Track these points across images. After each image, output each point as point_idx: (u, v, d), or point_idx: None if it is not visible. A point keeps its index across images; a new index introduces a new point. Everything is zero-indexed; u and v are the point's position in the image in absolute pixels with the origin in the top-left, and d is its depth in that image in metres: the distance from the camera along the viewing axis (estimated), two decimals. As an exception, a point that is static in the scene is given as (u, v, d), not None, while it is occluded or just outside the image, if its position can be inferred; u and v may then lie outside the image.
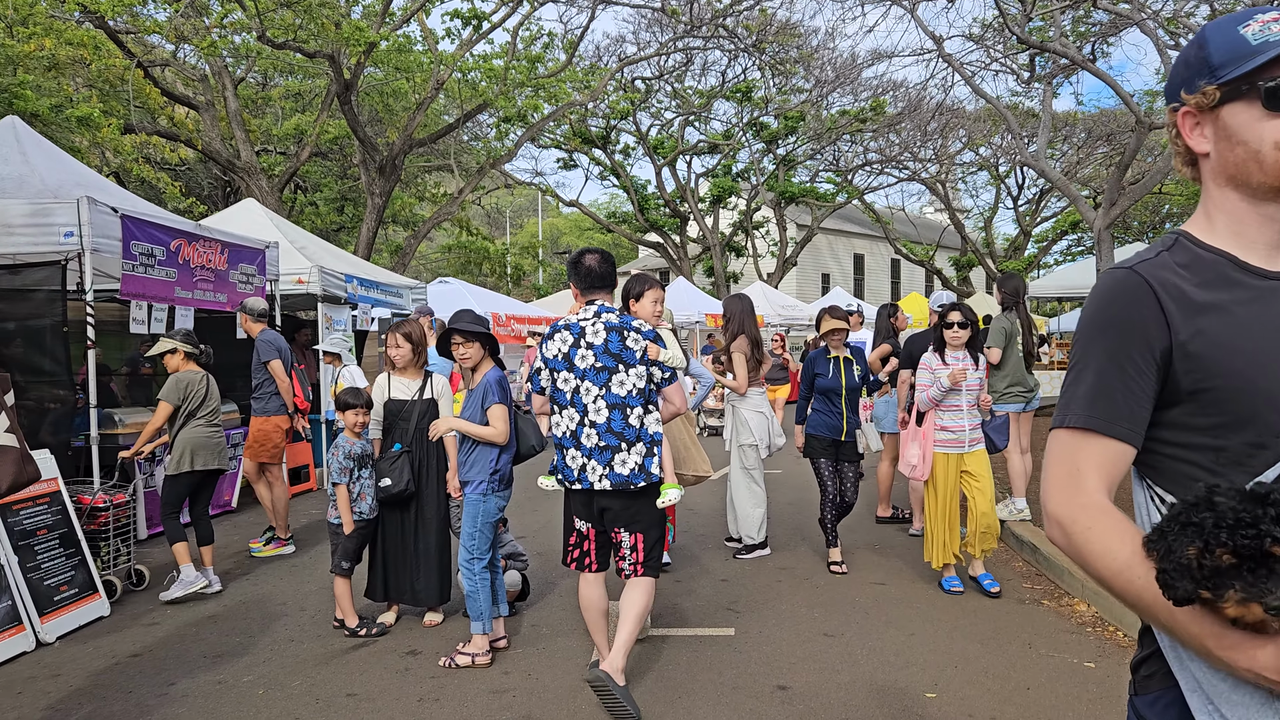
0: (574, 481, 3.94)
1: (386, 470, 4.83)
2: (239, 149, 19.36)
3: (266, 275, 8.74)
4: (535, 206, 50.22)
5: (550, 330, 4.08)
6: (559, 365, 3.98)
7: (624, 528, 3.98)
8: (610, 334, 3.94)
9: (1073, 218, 38.63)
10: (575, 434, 3.93)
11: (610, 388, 3.90)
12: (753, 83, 30.01)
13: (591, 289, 4.12)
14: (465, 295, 15.42)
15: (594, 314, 4.00)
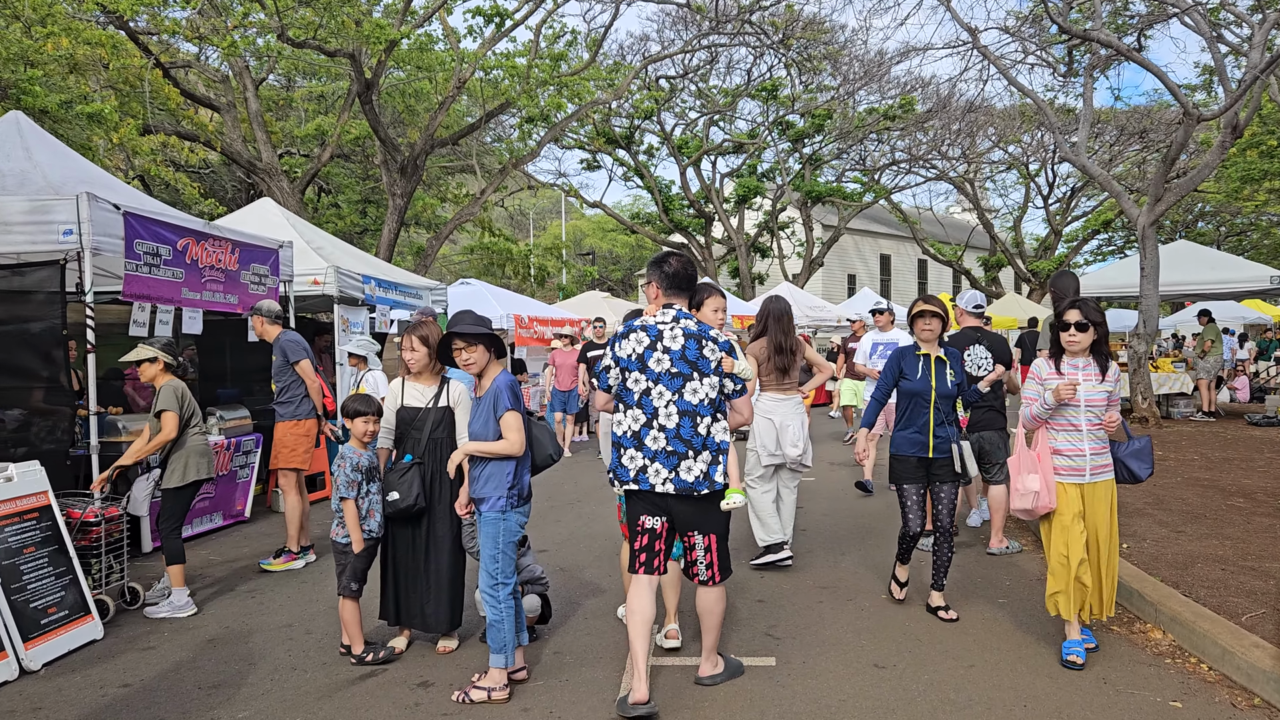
0: (629, 482, 3.93)
1: (395, 484, 4.43)
2: (260, 150, 19.14)
3: (280, 276, 8.41)
4: (559, 209, 49.94)
5: (624, 329, 4.07)
6: (631, 365, 3.97)
7: (697, 530, 4.00)
8: (688, 341, 3.96)
9: (1104, 216, 37.93)
10: (639, 435, 3.93)
11: (683, 394, 3.92)
12: (778, 81, 29.55)
13: (672, 292, 4.13)
14: (487, 297, 15.09)
15: (672, 318, 4.01)
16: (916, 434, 5.13)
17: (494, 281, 25.76)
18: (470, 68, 18.44)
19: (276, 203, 18.79)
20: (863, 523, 7.81)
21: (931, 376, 5.13)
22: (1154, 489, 8.15)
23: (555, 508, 8.62)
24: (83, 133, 15.05)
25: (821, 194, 31.03)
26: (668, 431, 3.89)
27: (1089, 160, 13.61)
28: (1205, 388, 14.67)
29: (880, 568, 6.27)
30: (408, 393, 4.60)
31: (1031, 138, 35.19)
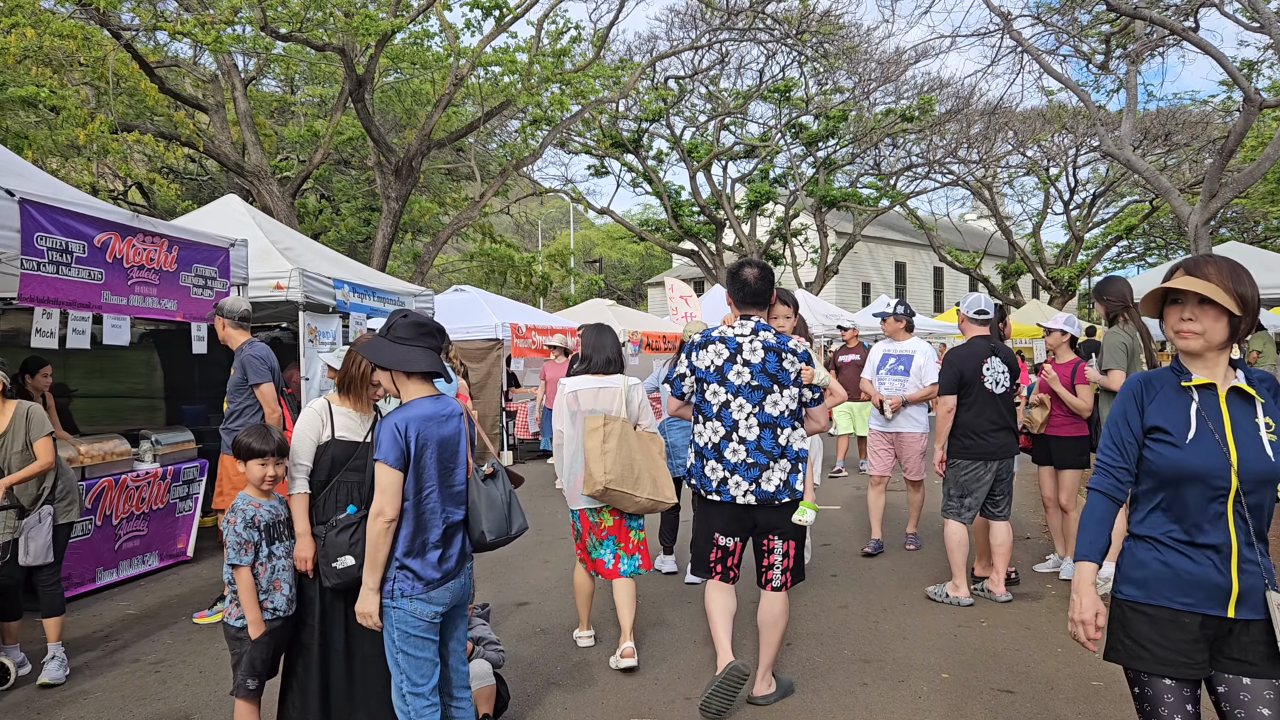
0: (712, 492, 3.95)
1: (345, 545, 3.25)
2: (249, 153, 18.19)
3: (231, 278, 7.38)
4: (567, 219, 49.04)
5: (702, 339, 4.02)
6: (710, 377, 3.97)
7: (778, 536, 4.01)
8: (768, 354, 3.94)
9: (1127, 222, 36.79)
10: (719, 447, 3.95)
11: (764, 407, 3.92)
12: (791, 81, 28.53)
13: (747, 304, 4.06)
14: (481, 304, 14.08)
15: (750, 331, 3.98)
16: (1195, 559, 2.35)
17: (495, 290, 24.77)
18: (468, 63, 17.47)
19: (266, 206, 18.02)
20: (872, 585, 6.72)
21: (1227, 436, 2.34)
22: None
23: (544, 544, 7.55)
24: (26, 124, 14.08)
25: (836, 199, 29.96)
26: (748, 444, 3.91)
27: (1134, 155, 12.52)
28: (1259, 401, 13.53)
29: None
30: (339, 422, 3.49)
31: (1052, 141, 34.12)
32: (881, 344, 7.34)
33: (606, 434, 4.46)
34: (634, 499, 4.50)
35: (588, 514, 4.69)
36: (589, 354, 4.79)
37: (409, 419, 2.95)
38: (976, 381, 5.50)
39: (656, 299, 43.81)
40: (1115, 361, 5.30)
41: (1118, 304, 5.45)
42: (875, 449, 7.14)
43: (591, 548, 4.72)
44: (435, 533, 3.01)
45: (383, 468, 2.91)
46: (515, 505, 3.12)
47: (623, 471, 4.45)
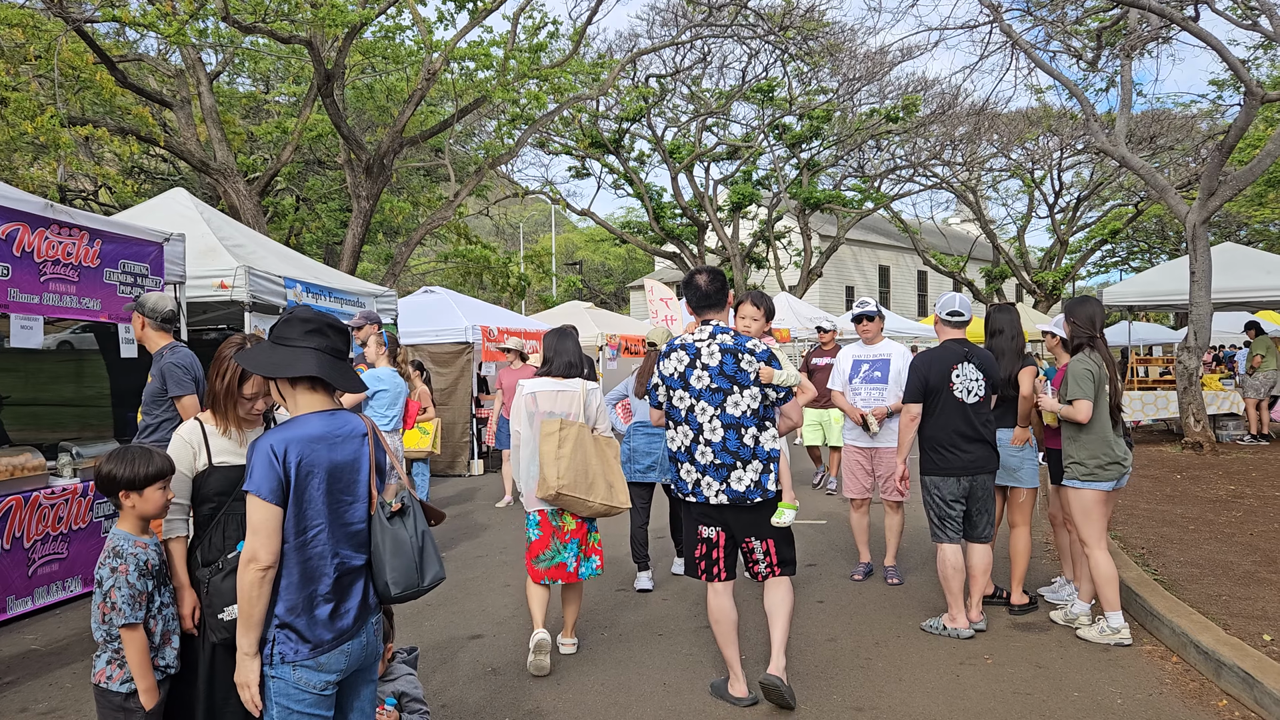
0: (688, 494, 4.08)
1: (234, 591, 2.63)
2: (215, 150, 17.55)
3: (166, 276, 6.79)
4: (549, 222, 48.43)
5: (667, 348, 4.17)
6: (675, 384, 4.10)
7: (754, 537, 4.10)
8: (725, 356, 4.03)
9: (1112, 225, 36.58)
10: (690, 450, 4.06)
11: (725, 408, 4.01)
12: (774, 81, 28.06)
13: (703, 309, 4.18)
14: (451, 306, 13.48)
15: (709, 335, 4.09)
16: None
17: (472, 293, 24.20)
18: (441, 58, 16.89)
19: (233, 205, 17.38)
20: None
21: None
22: (1254, 541, 6.55)
23: (507, 565, 6.98)
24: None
25: (820, 201, 29.50)
26: (714, 445, 4.01)
27: (1129, 152, 12.07)
28: (1254, 408, 13.11)
29: (927, 662, 4.64)
30: (215, 446, 2.89)
31: (1037, 143, 33.85)
32: (850, 349, 6.56)
33: (562, 438, 4.49)
34: (587, 504, 4.52)
35: (549, 516, 4.67)
36: (549, 357, 4.80)
37: (289, 439, 2.37)
38: (944, 389, 5.04)
39: (639, 302, 43.28)
40: (1081, 391, 4.83)
41: (1085, 330, 4.97)
42: (851, 469, 6.38)
43: (555, 551, 4.66)
44: (325, 583, 2.42)
45: (254, 502, 2.33)
46: (430, 550, 2.54)
47: (576, 477, 4.48)
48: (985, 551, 5.12)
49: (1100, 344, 4.93)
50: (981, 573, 5.11)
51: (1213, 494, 8.58)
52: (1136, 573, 5.58)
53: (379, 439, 2.56)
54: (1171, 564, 5.92)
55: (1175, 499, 8.32)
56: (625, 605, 5.80)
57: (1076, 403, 4.80)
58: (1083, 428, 4.85)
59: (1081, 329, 4.96)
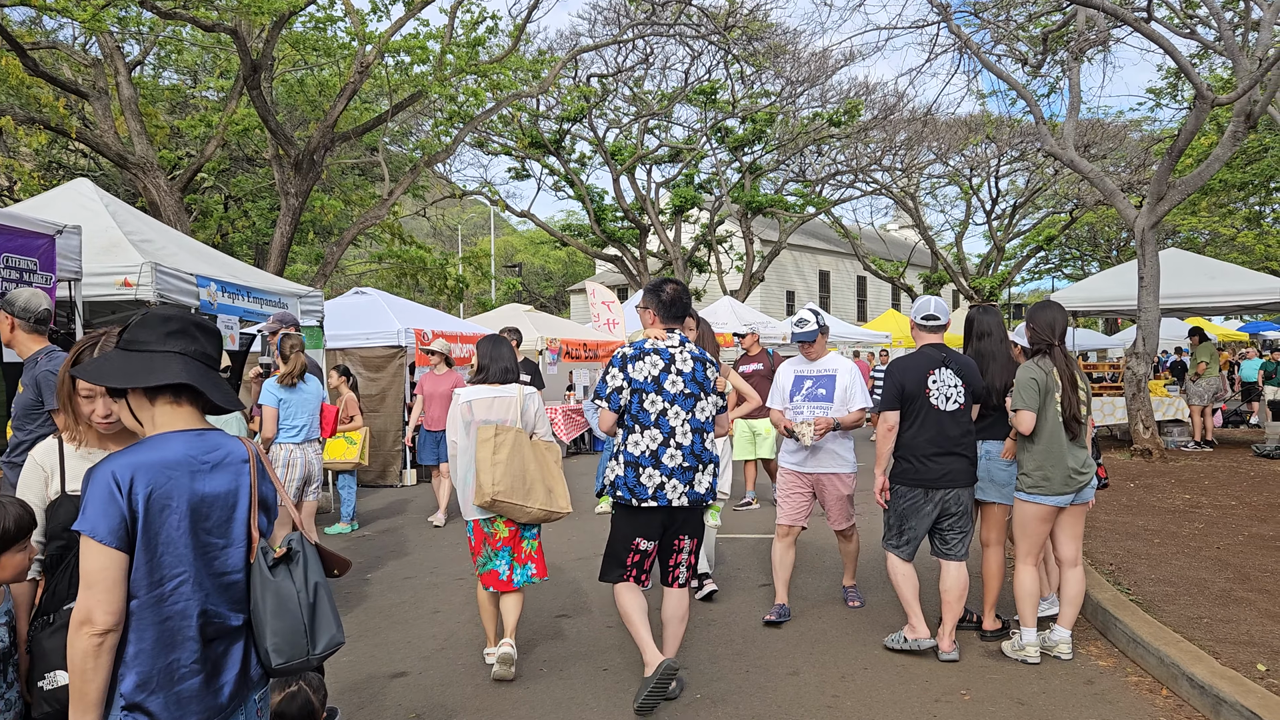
0: (647, 499, 4.08)
1: (61, 652, 2.16)
2: (135, 143, 16.67)
3: (58, 272, 6.14)
4: (488, 224, 47.68)
5: (635, 351, 4.19)
6: (648, 387, 4.15)
7: (687, 535, 4.26)
8: (696, 364, 4.23)
9: (1047, 233, 37.06)
10: (656, 454, 4.11)
11: (694, 413, 4.19)
12: (717, 83, 27.79)
13: (672, 318, 4.32)
14: (383, 308, 12.87)
15: (679, 342, 4.25)
16: None
17: (408, 295, 23.50)
18: (374, 49, 16.24)
19: (153, 201, 16.50)
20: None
21: None
22: (1222, 556, 6.30)
23: (438, 588, 6.44)
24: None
25: (762, 205, 29.32)
26: (684, 449, 4.13)
27: (1077, 155, 11.93)
28: (1199, 414, 13.08)
29: (898, 698, 4.23)
30: (71, 470, 2.35)
31: (975, 150, 34.18)
32: (791, 364, 5.68)
33: (498, 444, 4.45)
34: (525, 510, 4.48)
35: (482, 524, 4.64)
36: (485, 364, 4.75)
37: (137, 465, 1.86)
38: (920, 396, 4.74)
39: (579, 306, 42.77)
40: (1024, 401, 4.54)
41: (1044, 336, 4.65)
42: (787, 491, 5.54)
43: (485, 561, 4.64)
44: (190, 649, 1.90)
45: (89, 546, 1.81)
46: (325, 608, 2.02)
47: (513, 482, 4.44)
48: (959, 571, 4.76)
49: (1057, 351, 4.64)
50: (956, 598, 4.74)
51: (1170, 504, 8.37)
52: (1111, 593, 5.26)
53: (264, 468, 2.05)
54: (1143, 582, 5.62)
55: (1134, 509, 8.09)
56: (565, 635, 5.32)
57: (1019, 413, 4.55)
58: (1029, 438, 4.59)
59: (1041, 335, 4.66)
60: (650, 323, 4.34)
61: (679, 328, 4.33)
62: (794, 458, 5.51)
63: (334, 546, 7.91)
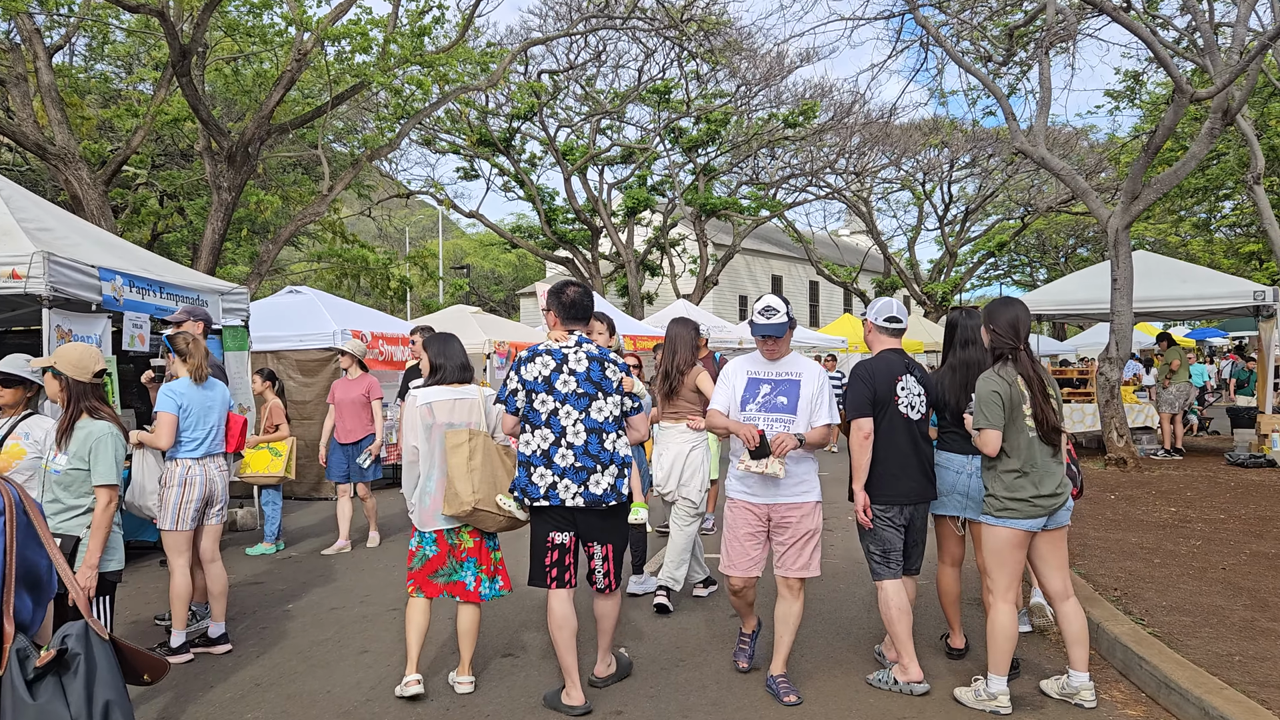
0: (539, 498, 4.09)
1: None
2: (54, 133, 15.62)
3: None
4: (437, 227, 46.66)
5: (529, 354, 4.20)
6: (539, 387, 4.15)
7: (596, 541, 4.22)
8: (591, 363, 4.20)
9: (999, 239, 37.13)
10: (548, 454, 4.11)
11: (589, 413, 4.15)
12: (670, 82, 27.23)
13: (571, 320, 4.32)
14: (319, 308, 12.06)
15: (575, 343, 4.24)
16: None
17: (348, 297, 22.56)
18: (313, 37, 15.39)
19: (75, 195, 15.45)
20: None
21: None
22: (1230, 578, 5.79)
23: (368, 621, 5.69)
24: None
25: (716, 207, 28.80)
26: (575, 449, 4.10)
27: (1049, 153, 11.51)
28: (1168, 421, 12.73)
29: None
30: None
31: (928, 155, 34.11)
32: (743, 361, 4.50)
33: (472, 450, 4.21)
34: (496, 517, 4.26)
35: (446, 535, 4.39)
36: (440, 363, 4.45)
37: None
38: (891, 403, 4.33)
39: (529, 310, 41.96)
40: (987, 419, 3.99)
41: (1007, 339, 4.07)
42: (738, 530, 4.34)
43: (451, 570, 4.39)
44: None
45: None
46: None
47: (489, 490, 4.21)
48: (911, 586, 4.51)
49: (1022, 356, 4.08)
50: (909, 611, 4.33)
51: (1156, 517, 7.90)
52: (1129, 626, 4.69)
53: (31, 522, 1.35)
54: (1155, 610, 5.08)
55: (1121, 524, 7.60)
56: (527, 648, 4.63)
57: (983, 432, 4.01)
58: (996, 458, 4.04)
59: (1003, 338, 4.08)
60: (552, 325, 4.35)
61: (582, 329, 4.33)
62: (745, 483, 4.31)
63: (255, 569, 7.12)
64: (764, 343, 4.31)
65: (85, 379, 3.93)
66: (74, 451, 3.84)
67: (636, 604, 5.91)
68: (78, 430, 3.88)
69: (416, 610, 4.37)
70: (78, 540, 3.74)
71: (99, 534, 3.80)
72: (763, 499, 4.25)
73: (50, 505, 3.82)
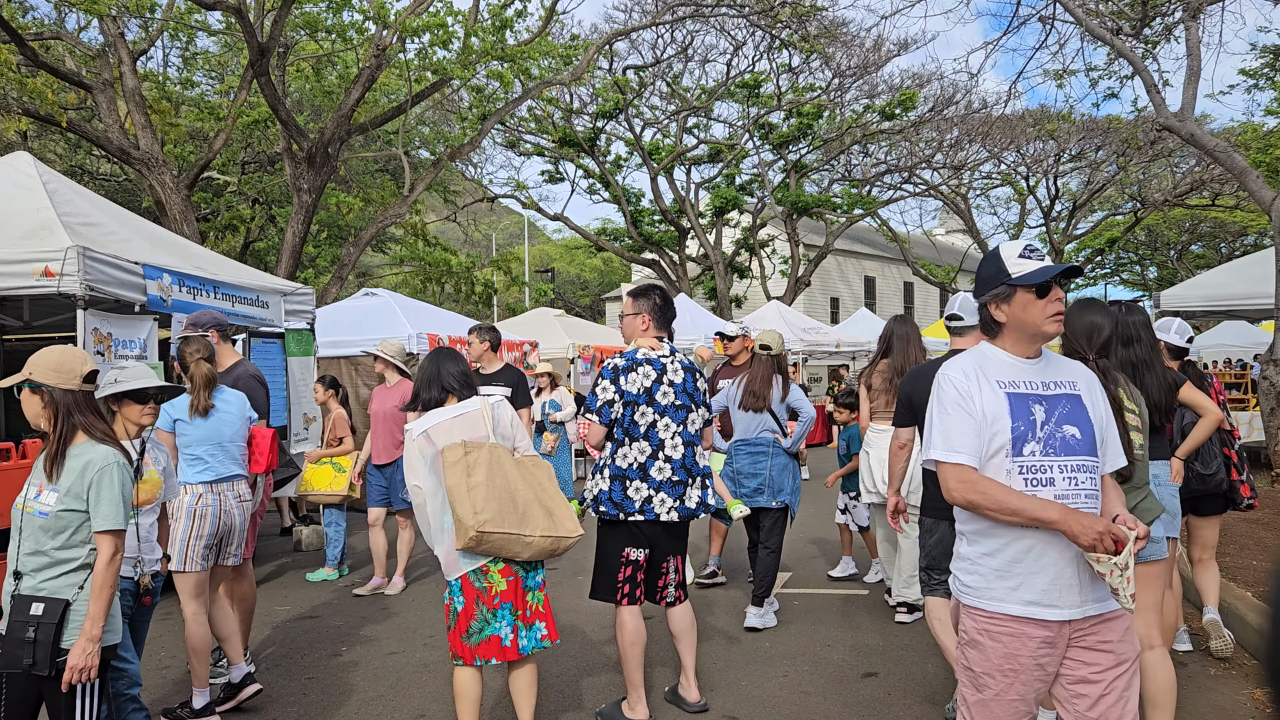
0: (634, 513, 3.94)
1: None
2: (139, 137, 15.42)
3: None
4: (523, 234, 46.42)
5: (627, 362, 4.04)
6: (640, 399, 3.99)
7: (671, 554, 4.08)
8: (687, 374, 4.10)
9: (1110, 234, 35.08)
10: (644, 467, 3.97)
11: (686, 425, 4.03)
12: (760, 76, 26.19)
13: (664, 326, 4.18)
14: (394, 310, 11.46)
15: (669, 352, 4.11)
16: None
17: (431, 300, 22.11)
18: (392, 31, 14.87)
19: (159, 200, 15.23)
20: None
21: None
22: None
23: (429, 669, 4.88)
24: None
25: (809, 205, 27.61)
26: (674, 462, 3.99)
27: (1199, 129, 10.22)
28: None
29: None
30: None
31: (1033, 147, 32.26)
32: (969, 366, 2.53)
33: (470, 464, 3.50)
34: (524, 540, 3.50)
35: (472, 579, 3.56)
36: (417, 391, 3.76)
37: None
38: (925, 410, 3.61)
39: (615, 314, 41.34)
40: None
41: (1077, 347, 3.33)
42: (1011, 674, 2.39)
43: (480, 625, 3.55)
44: None
45: None
46: None
47: (500, 508, 3.47)
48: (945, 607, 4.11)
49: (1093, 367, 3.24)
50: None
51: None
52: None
53: None
54: None
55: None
56: (584, 703, 3.76)
57: None
58: None
59: (1073, 345, 3.32)
60: (642, 330, 4.14)
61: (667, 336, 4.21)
62: (1010, 578, 2.44)
63: (314, 600, 6.39)
64: (1041, 307, 2.44)
65: (73, 385, 2.92)
66: (67, 487, 2.86)
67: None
68: (72, 458, 2.90)
69: (462, 681, 3.60)
70: (66, 605, 2.80)
71: (101, 596, 2.80)
72: (1063, 610, 2.41)
73: (30, 560, 2.84)
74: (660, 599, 4.09)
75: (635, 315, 4.12)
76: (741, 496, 5.54)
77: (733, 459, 5.64)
